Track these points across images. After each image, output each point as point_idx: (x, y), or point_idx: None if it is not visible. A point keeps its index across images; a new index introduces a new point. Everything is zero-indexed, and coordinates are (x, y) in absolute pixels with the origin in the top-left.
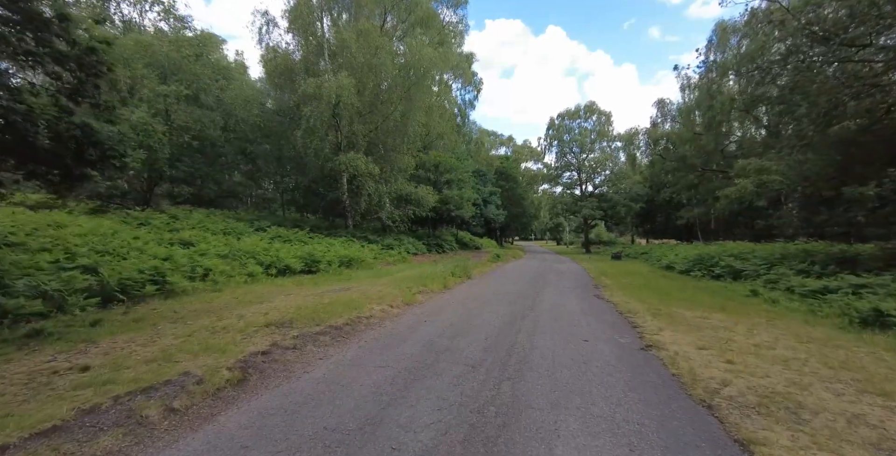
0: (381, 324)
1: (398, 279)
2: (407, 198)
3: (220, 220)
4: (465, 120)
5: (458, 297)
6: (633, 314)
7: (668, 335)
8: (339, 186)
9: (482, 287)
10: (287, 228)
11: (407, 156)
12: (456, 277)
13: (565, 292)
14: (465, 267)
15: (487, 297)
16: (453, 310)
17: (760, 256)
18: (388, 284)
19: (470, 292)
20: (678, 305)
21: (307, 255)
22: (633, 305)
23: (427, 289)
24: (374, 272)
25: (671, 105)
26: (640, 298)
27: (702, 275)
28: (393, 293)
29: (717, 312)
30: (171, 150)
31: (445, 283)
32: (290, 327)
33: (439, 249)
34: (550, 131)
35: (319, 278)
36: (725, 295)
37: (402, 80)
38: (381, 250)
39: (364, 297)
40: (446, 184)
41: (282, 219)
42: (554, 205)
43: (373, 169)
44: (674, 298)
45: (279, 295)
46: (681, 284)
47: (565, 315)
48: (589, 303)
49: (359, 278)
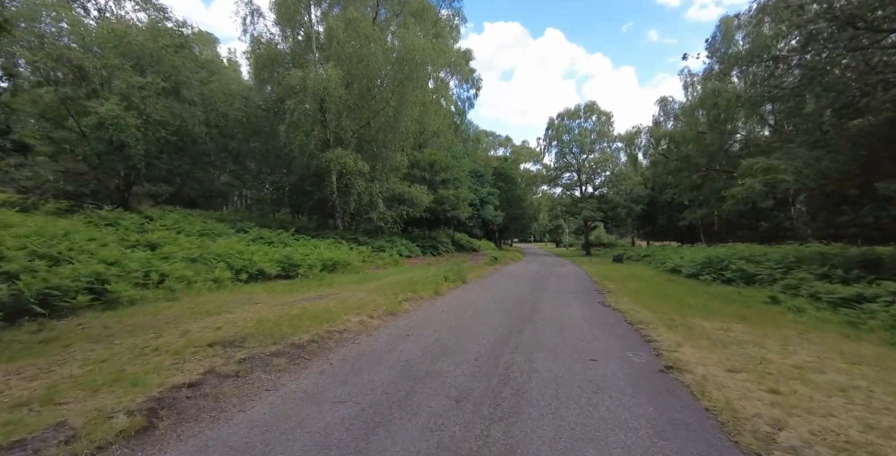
0: (355, 340)
1: (385, 285)
2: (400, 198)
3: (199, 221)
4: (463, 119)
5: (450, 304)
6: (644, 325)
7: (689, 352)
8: (326, 185)
9: (477, 293)
10: (272, 229)
11: (399, 153)
12: (449, 281)
13: (567, 299)
14: (459, 271)
15: (482, 304)
16: (442, 321)
17: (773, 259)
18: (373, 291)
19: (463, 299)
20: (693, 314)
21: (285, 258)
22: (643, 314)
23: (416, 295)
24: (359, 277)
25: (674, 103)
26: (650, 305)
27: (711, 279)
28: (376, 301)
29: (739, 323)
30: (148, 147)
31: (437, 288)
32: (239, 347)
33: (434, 252)
34: (550, 131)
35: (296, 284)
36: (742, 302)
37: (394, 73)
38: (372, 253)
39: (341, 306)
40: (442, 183)
41: (269, 220)
42: (553, 206)
43: (362, 166)
44: (686, 305)
45: (244, 304)
46: (690, 290)
47: (569, 326)
48: (594, 311)
49: (341, 284)
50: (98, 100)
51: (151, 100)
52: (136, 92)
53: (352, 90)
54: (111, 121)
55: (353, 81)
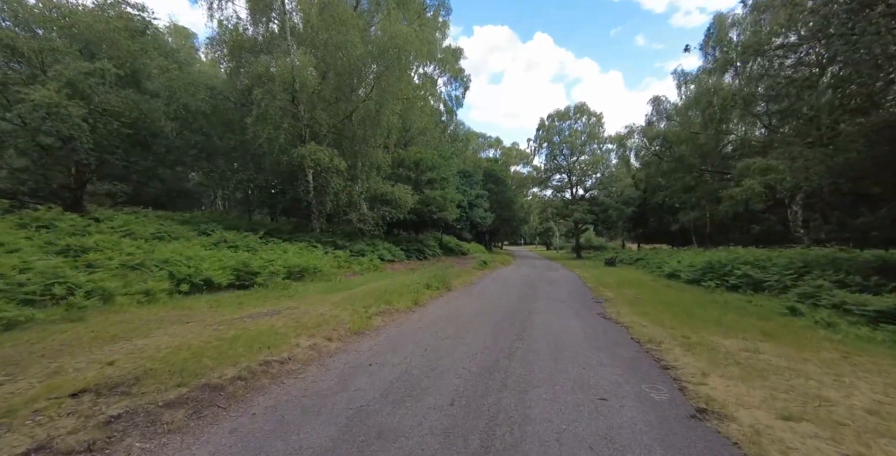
0: (299, 373)
1: (357, 295)
2: (382, 198)
3: (155, 223)
4: (453, 117)
5: (430, 318)
6: (655, 344)
7: (720, 385)
8: (300, 184)
9: (462, 303)
10: (240, 231)
11: (381, 150)
12: (432, 289)
13: (562, 309)
14: (444, 277)
15: (467, 318)
16: (417, 342)
17: (780, 265)
18: (341, 303)
19: (445, 311)
20: (708, 329)
21: (241, 265)
22: (650, 330)
23: (391, 308)
24: (329, 285)
25: (667, 103)
26: (656, 317)
27: (715, 285)
28: (340, 317)
29: (764, 341)
30: (100, 140)
31: (417, 298)
32: (123, 394)
33: (420, 256)
34: (540, 132)
35: (250, 296)
36: (757, 313)
37: (374, 63)
38: (350, 257)
39: (295, 325)
40: (428, 183)
41: (243, 222)
42: (544, 208)
43: (339, 163)
44: (697, 317)
45: (171, 324)
46: (695, 298)
47: (566, 347)
48: (593, 325)
49: (305, 294)
50: (36, 86)
51: (102, 88)
52: (83, 78)
53: (328, 81)
54: (49, 109)
55: (328, 70)
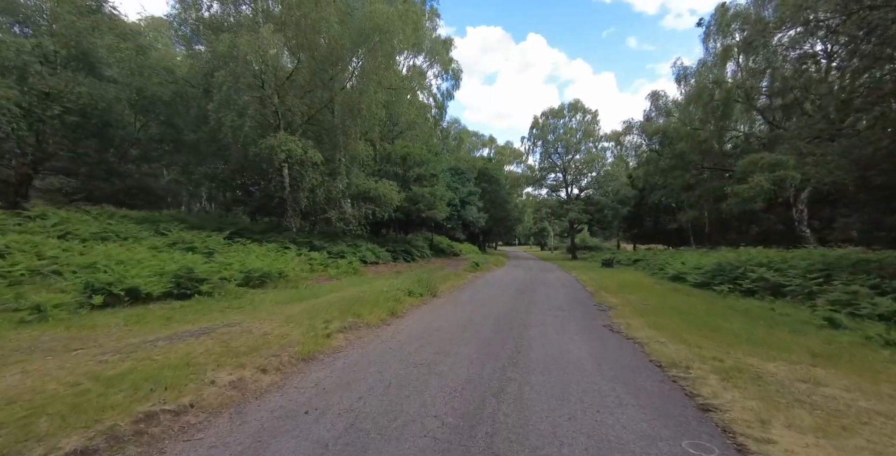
0: (195, 432)
1: (322, 305)
2: (365, 195)
3: (102, 222)
4: (443, 112)
5: (404, 335)
6: (682, 370)
7: (794, 444)
8: (270, 178)
9: (447, 313)
10: (205, 231)
11: (363, 143)
12: (414, 296)
13: (562, 320)
14: (429, 281)
15: (449, 334)
16: (380, 372)
17: (800, 267)
18: (298, 316)
19: (425, 325)
20: (739, 347)
21: (183, 270)
22: (671, 348)
23: (359, 321)
24: (293, 294)
25: (666, 98)
26: (672, 330)
27: (728, 290)
28: (289, 336)
29: (818, 366)
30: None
31: (394, 308)
32: None
33: (408, 257)
34: (534, 130)
35: (188, 309)
36: (788, 324)
37: (353, 45)
38: (327, 259)
39: (222, 350)
40: (416, 180)
41: (205, 221)
42: (538, 208)
43: (314, 156)
44: (722, 332)
45: (42, 355)
46: (710, 305)
47: (573, 377)
48: (601, 342)
49: (259, 305)
50: None
51: (40, 68)
52: (14, 55)
53: (303, 65)
54: None
55: (303, 53)
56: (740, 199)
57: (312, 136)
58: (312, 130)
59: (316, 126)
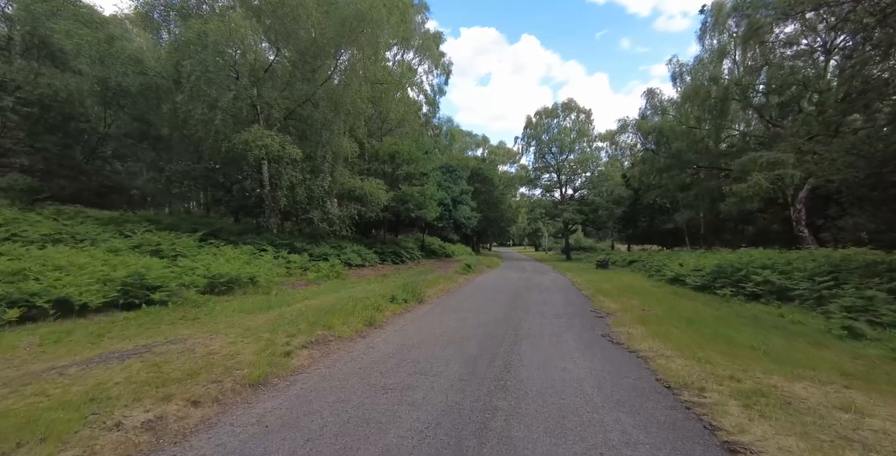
0: None
1: (290, 314)
2: (351, 194)
3: (60, 222)
4: (435, 109)
5: (378, 351)
6: (696, 393)
7: None
8: (246, 176)
9: (431, 323)
10: (176, 232)
11: (347, 139)
12: (397, 303)
13: (557, 330)
14: (415, 286)
15: (430, 349)
16: (341, 401)
17: (807, 269)
18: (258, 329)
19: (405, 337)
20: (757, 363)
21: (133, 276)
22: (679, 364)
23: (330, 334)
24: (262, 301)
25: (661, 96)
26: (678, 341)
27: (731, 294)
28: (240, 355)
29: (853, 387)
30: None
31: (372, 317)
32: None
33: (396, 259)
34: (528, 130)
35: (131, 321)
36: (804, 334)
37: (335, 34)
38: (309, 262)
39: (150, 376)
40: (406, 179)
41: (179, 221)
42: (532, 208)
43: (292, 151)
44: (734, 343)
45: None
46: (715, 311)
47: (570, 406)
48: (602, 358)
49: (218, 316)
50: None
51: None
52: None
53: (282, 54)
54: None
55: (280, 41)
56: (739, 198)
57: (296, 133)
58: (295, 126)
59: (299, 122)
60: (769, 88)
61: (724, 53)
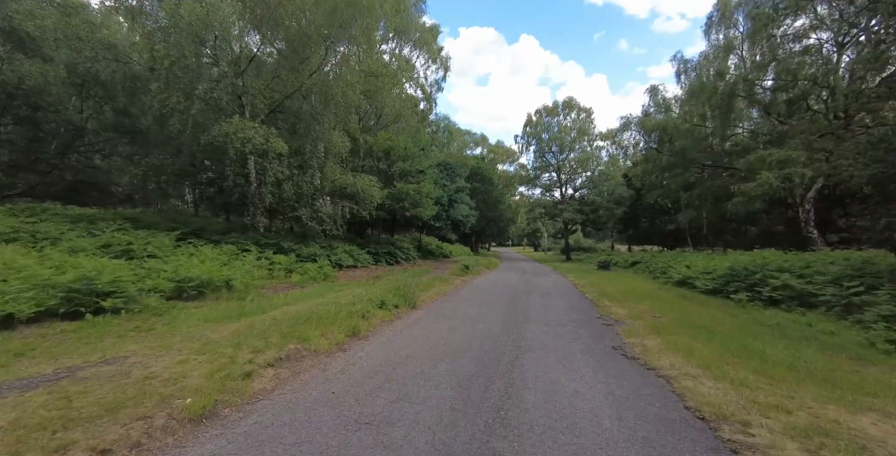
0: None
1: (261, 325)
2: (342, 191)
3: (20, 219)
4: (433, 104)
5: (357, 370)
6: (739, 429)
7: None
8: (228, 170)
9: (421, 333)
10: (154, 230)
11: (338, 133)
12: (386, 309)
13: (563, 342)
14: (408, 289)
15: (417, 368)
16: (297, 443)
17: (827, 273)
18: (219, 344)
19: (391, 351)
20: (806, 387)
21: (82, 280)
22: (709, 388)
23: (304, 348)
24: (233, 308)
25: (665, 92)
26: (702, 356)
27: (747, 298)
28: (186, 380)
29: None
30: None
31: (357, 326)
32: None
33: (391, 260)
34: (528, 129)
35: (65, 335)
36: (843, 347)
37: (325, 21)
38: (296, 263)
39: (52, 415)
40: (402, 176)
41: (158, 219)
42: (532, 208)
43: (277, 145)
44: (770, 360)
45: None
46: (731, 318)
47: (588, 447)
48: (617, 378)
49: (178, 326)
50: None
51: None
52: None
53: (268, 42)
54: None
55: (263, 25)
56: (747, 198)
57: (285, 127)
58: (285, 120)
59: (289, 115)
60: (777, 85)
61: (730, 49)
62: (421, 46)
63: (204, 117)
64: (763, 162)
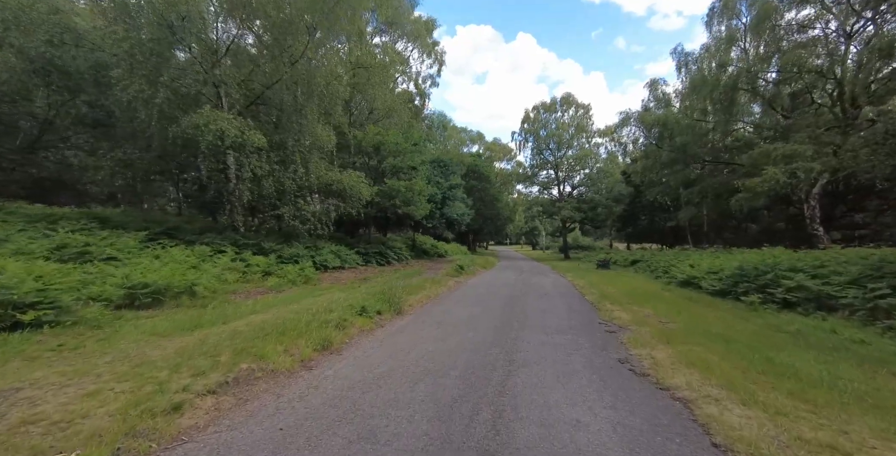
0: None
1: (216, 338)
2: (328, 188)
3: None
4: (426, 99)
5: (316, 397)
6: None
7: None
8: (203, 166)
9: (403, 344)
10: (121, 230)
11: (323, 126)
12: (367, 316)
13: (563, 354)
14: (395, 292)
15: (390, 393)
16: None
17: (846, 273)
18: (152, 366)
19: (363, 368)
20: (857, 416)
21: None
22: (739, 417)
23: (259, 367)
24: (191, 317)
25: (665, 86)
26: (722, 372)
27: (760, 300)
28: (83, 422)
29: None
30: None
31: (329, 338)
32: None
33: (382, 260)
34: (526, 125)
35: None
36: (886, 362)
37: (306, 4)
38: (276, 265)
39: None
40: (394, 173)
41: (130, 218)
42: (530, 206)
43: (253, 137)
44: (804, 377)
45: None
46: (746, 323)
47: None
48: (627, 402)
49: (116, 342)
50: None
51: None
52: None
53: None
54: None
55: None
56: (752, 193)
57: (267, 120)
58: (267, 113)
59: (271, 107)
60: (782, 77)
61: (733, 40)
62: (414, 40)
63: (172, 108)
64: (768, 157)
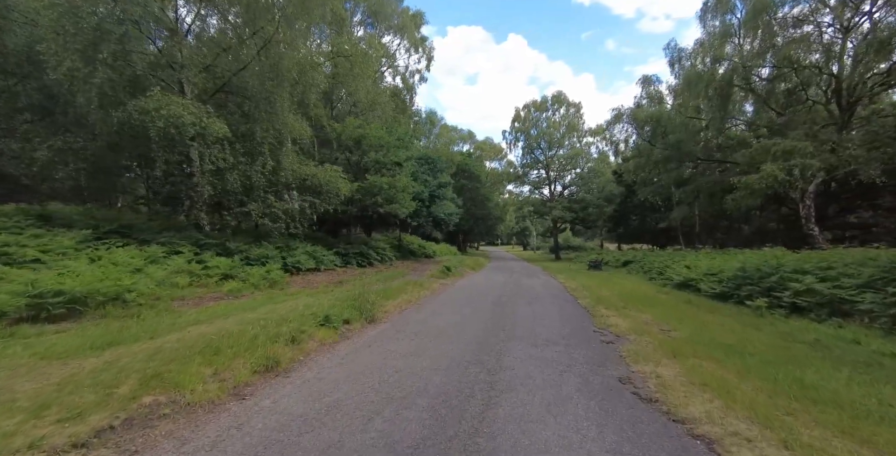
0: None
1: (124, 361)
2: (303, 183)
3: None
4: (412, 94)
5: (235, 447)
6: None
7: None
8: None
9: (367, 361)
10: (63, 229)
11: (296, 116)
12: (330, 326)
13: (554, 374)
14: (369, 298)
15: (337, 431)
16: None
17: (853, 274)
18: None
19: (310, 397)
20: None
21: None
22: None
23: (168, 400)
24: (111, 332)
25: (658, 83)
26: (751, 400)
27: (766, 305)
28: None
29: None
30: None
31: (276, 356)
32: None
33: (363, 262)
34: (516, 124)
35: None
36: None
37: None
38: (239, 267)
39: None
40: (376, 169)
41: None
42: (521, 206)
43: (214, 126)
44: (848, 406)
45: None
46: (758, 331)
47: None
48: (635, 444)
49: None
50: None
51: None
52: None
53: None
54: None
55: None
56: (749, 191)
57: (237, 110)
58: (236, 103)
59: (239, 95)
60: (776, 73)
61: (727, 35)
62: (402, 33)
63: (117, 91)
64: (767, 153)
